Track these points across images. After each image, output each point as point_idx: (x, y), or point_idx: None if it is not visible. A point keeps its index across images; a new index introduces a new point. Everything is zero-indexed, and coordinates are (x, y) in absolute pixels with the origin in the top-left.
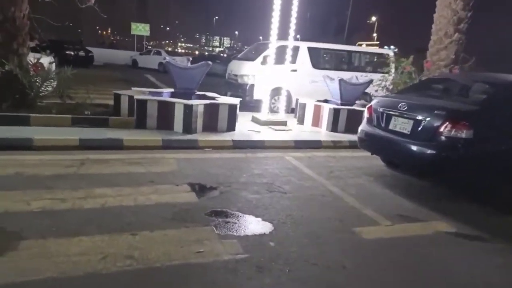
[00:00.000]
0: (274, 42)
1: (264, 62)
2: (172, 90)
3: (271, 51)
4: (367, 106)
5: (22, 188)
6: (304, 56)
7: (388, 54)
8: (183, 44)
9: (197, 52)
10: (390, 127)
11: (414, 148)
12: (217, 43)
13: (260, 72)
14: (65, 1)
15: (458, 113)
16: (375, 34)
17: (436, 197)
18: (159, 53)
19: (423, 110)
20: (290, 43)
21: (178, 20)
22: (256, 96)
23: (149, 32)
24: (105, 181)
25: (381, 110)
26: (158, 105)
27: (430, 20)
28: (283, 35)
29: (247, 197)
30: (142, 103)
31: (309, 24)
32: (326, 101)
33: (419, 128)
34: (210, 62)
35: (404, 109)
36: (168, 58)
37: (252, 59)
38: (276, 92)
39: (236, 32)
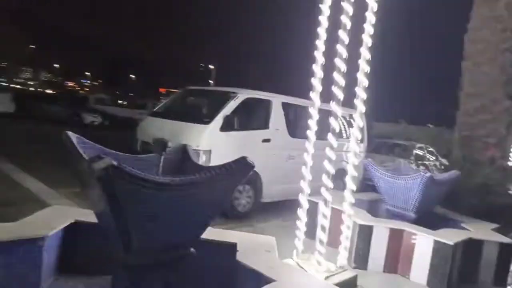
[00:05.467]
0: (241, 93)
1: (226, 126)
2: None
3: (234, 107)
4: None
5: None
6: (278, 117)
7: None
8: None
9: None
10: None
11: None
12: (29, 75)
13: (219, 143)
14: None
15: None
16: (211, 81)
17: None
18: None
19: None
20: (259, 94)
21: None
22: None
23: None
24: None
25: None
26: None
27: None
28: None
29: None
30: None
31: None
32: None
33: None
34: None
35: None
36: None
37: (203, 121)
38: None
39: (57, 65)
